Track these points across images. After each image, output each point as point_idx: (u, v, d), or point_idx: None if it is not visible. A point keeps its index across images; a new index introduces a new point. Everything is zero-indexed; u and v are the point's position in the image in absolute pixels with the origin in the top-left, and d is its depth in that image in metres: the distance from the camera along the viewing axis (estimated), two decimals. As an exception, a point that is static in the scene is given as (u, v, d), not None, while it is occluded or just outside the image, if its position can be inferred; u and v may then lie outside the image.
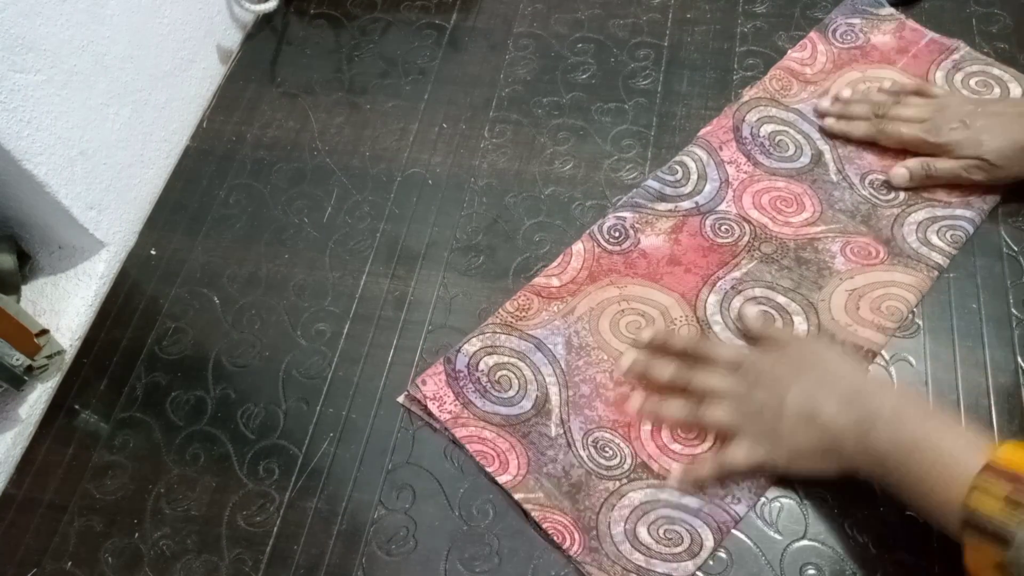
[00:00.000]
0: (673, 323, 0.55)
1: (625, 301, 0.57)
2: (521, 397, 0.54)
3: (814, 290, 0.55)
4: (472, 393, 0.54)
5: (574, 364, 0.54)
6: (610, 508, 0.49)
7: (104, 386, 0.58)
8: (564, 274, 0.58)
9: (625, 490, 0.49)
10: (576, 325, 0.56)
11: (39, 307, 0.62)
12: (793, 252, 0.57)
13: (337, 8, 0.78)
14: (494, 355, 0.55)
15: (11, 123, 0.52)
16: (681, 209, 0.61)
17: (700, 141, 0.64)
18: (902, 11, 0.70)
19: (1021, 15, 0.69)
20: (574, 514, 0.49)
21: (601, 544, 0.48)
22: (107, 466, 0.55)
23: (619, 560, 0.47)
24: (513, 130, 0.67)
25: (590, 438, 0.51)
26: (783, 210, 0.59)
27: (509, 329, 0.56)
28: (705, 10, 0.73)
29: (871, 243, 0.57)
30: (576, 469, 0.50)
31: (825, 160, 0.61)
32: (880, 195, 0.59)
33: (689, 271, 0.58)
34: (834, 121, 0.62)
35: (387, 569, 0.49)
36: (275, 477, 0.53)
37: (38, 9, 0.53)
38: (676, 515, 0.48)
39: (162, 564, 0.51)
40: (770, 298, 0.56)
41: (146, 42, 0.64)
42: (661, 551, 0.47)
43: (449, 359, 0.55)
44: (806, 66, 0.67)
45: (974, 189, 0.57)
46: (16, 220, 0.62)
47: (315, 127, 0.70)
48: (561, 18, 0.74)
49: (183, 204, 0.67)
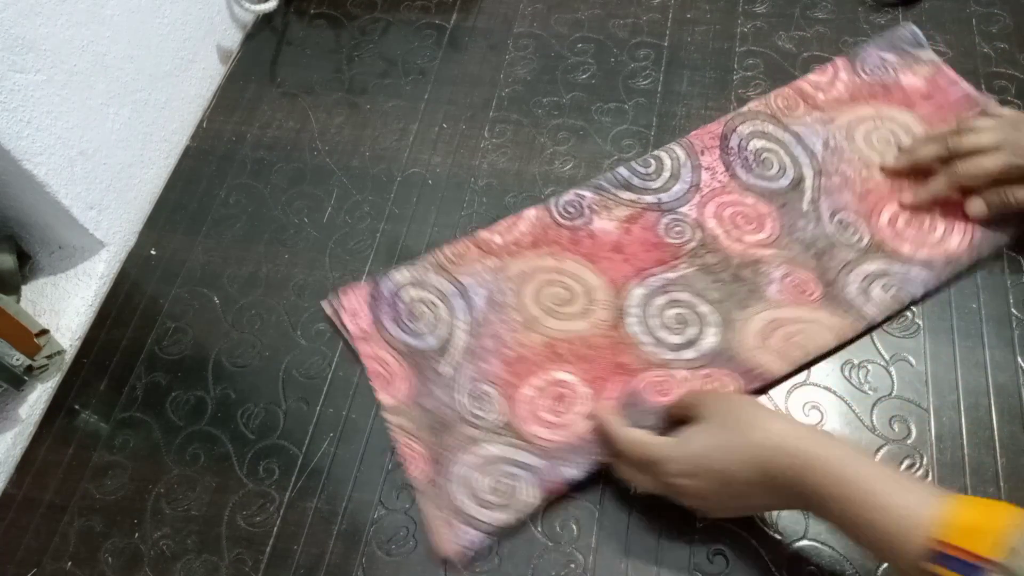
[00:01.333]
0: (592, 305, 0.56)
1: (557, 273, 0.58)
2: (429, 333, 0.56)
3: (737, 308, 0.55)
4: (387, 317, 0.57)
5: (488, 317, 0.57)
6: (464, 452, 0.51)
7: (104, 386, 0.58)
8: (508, 234, 0.60)
9: (484, 441, 0.52)
10: (503, 283, 0.58)
11: (39, 307, 0.62)
12: (734, 268, 0.57)
13: (337, 8, 0.78)
14: (419, 289, 0.58)
15: (11, 123, 0.52)
16: (643, 202, 0.61)
17: (684, 141, 0.63)
18: (902, 11, 0.70)
19: (1021, 15, 0.69)
20: (431, 448, 0.52)
21: (443, 481, 0.50)
22: (107, 466, 0.55)
23: (451, 501, 0.50)
24: (513, 130, 0.67)
25: (474, 387, 0.54)
26: (741, 226, 0.59)
27: (440, 270, 0.59)
28: (705, 10, 0.73)
29: (812, 280, 0.55)
30: (449, 411, 0.53)
31: (803, 187, 0.60)
32: (843, 235, 0.57)
33: (627, 261, 0.58)
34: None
35: (387, 569, 0.49)
36: (275, 477, 0.53)
37: (38, 9, 0.53)
38: (516, 471, 0.50)
39: (162, 564, 0.51)
40: (694, 305, 0.56)
41: (146, 42, 0.64)
42: (489, 500, 0.50)
43: (376, 282, 0.59)
44: (820, 91, 0.65)
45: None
46: (16, 220, 0.62)
47: (315, 127, 0.70)
48: (561, 18, 0.74)
49: (183, 204, 0.67)
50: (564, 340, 0.55)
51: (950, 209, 0.56)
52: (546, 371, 0.54)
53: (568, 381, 0.54)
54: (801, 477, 0.40)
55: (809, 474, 0.40)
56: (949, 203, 0.56)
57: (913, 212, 0.57)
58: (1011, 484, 0.48)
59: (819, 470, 0.40)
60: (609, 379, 0.53)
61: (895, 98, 0.64)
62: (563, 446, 0.51)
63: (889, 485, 0.39)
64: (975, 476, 0.49)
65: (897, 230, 0.57)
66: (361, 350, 0.56)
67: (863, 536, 0.39)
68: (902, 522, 0.37)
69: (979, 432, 0.50)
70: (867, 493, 0.38)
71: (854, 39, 0.69)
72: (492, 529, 0.49)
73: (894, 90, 0.64)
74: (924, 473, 0.49)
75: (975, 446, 0.50)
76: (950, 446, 0.50)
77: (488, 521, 0.49)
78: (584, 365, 0.54)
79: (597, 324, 0.56)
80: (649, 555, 0.48)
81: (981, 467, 0.49)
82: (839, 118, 0.63)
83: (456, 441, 0.52)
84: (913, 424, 0.51)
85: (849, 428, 0.51)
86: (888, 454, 0.50)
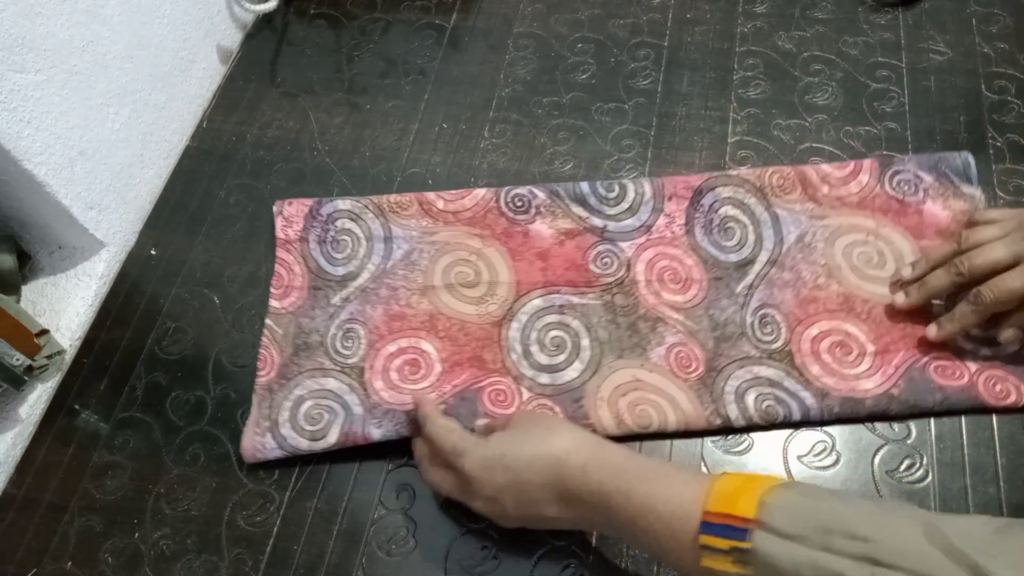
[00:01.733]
0: (489, 296, 0.57)
1: (476, 256, 0.59)
2: (342, 264, 0.60)
3: (613, 356, 0.54)
4: (314, 235, 0.61)
5: (396, 270, 0.59)
6: (309, 377, 0.55)
7: (104, 386, 0.58)
8: (452, 203, 0.62)
9: (330, 374, 0.55)
10: (426, 245, 0.60)
11: (39, 307, 0.62)
12: (635, 317, 0.55)
13: (337, 8, 0.78)
14: (353, 223, 0.61)
15: (11, 123, 0.52)
16: (589, 222, 0.60)
17: (657, 181, 0.60)
18: (902, 11, 0.70)
19: (1021, 15, 0.69)
20: (286, 362, 0.56)
21: (279, 394, 0.54)
22: (107, 466, 0.55)
23: (275, 413, 0.53)
24: (513, 130, 0.67)
25: (349, 325, 0.57)
26: (665, 282, 0.57)
27: (379, 214, 0.61)
28: (705, 10, 0.73)
29: (699, 359, 0.53)
30: (318, 337, 0.57)
31: (749, 270, 0.57)
32: (758, 330, 0.54)
33: (544, 271, 0.58)
34: (938, 330, 0.51)
35: (387, 569, 0.49)
36: (275, 477, 0.53)
37: (38, 9, 0.53)
38: (336, 409, 0.53)
39: (162, 564, 0.51)
40: (578, 336, 0.55)
41: (146, 42, 0.64)
42: (300, 424, 0.53)
43: (320, 201, 0.62)
44: (827, 184, 0.59)
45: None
46: (16, 220, 0.62)
47: (315, 127, 0.70)
48: (561, 18, 0.74)
49: (183, 204, 0.67)
50: (447, 317, 0.57)
51: (890, 354, 0.52)
52: (415, 336, 0.56)
53: (428, 353, 0.55)
54: (585, 480, 0.41)
55: (593, 472, 0.41)
56: (892, 346, 0.52)
57: (912, 347, 0.52)
58: (1011, 484, 0.48)
59: (599, 469, 0.41)
60: (464, 368, 0.55)
61: (906, 222, 0.57)
62: (385, 408, 0.53)
63: (660, 472, 0.40)
64: (975, 476, 0.49)
65: (817, 349, 0.53)
66: (279, 254, 0.61)
67: (638, 529, 0.39)
68: (672, 502, 0.38)
69: (979, 432, 0.50)
70: (638, 482, 0.40)
71: (854, 39, 0.69)
72: (289, 450, 0.52)
73: (910, 213, 0.58)
74: (924, 473, 0.49)
75: (975, 446, 0.50)
76: (950, 446, 0.50)
77: (290, 442, 0.52)
78: (450, 346, 0.56)
79: (483, 315, 0.57)
80: (649, 555, 0.48)
81: (981, 467, 0.49)
82: (832, 218, 0.58)
83: (309, 365, 0.55)
84: (913, 424, 0.51)
85: (849, 428, 0.51)
86: (888, 454, 0.50)
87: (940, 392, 0.50)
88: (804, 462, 0.50)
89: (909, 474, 0.49)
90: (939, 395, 0.50)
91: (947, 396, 0.50)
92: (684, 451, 0.51)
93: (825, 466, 0.50)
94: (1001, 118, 0.63)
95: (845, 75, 0.67)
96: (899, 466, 0.50)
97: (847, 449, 0.50)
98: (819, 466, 0.50)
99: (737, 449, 0.51)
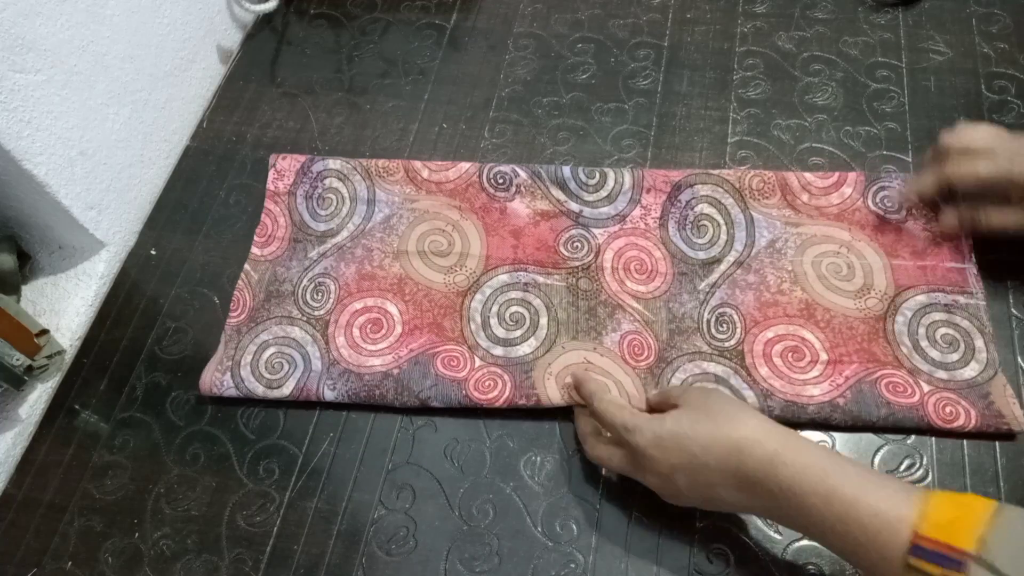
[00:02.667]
0: (458, 267, 0.59)
1: (452, 227, 0.61)
2: (324, 220, 0.62)
3: (568, 336, 0.55)
4: (301, 190, 0.64)
5: (374, 232, 0.61)
6: (276, 324, 0.57)
7: (104, 386, 0.58)
8: (436, 174, 0.63)
9: (297, 322, 0.57)
10: (406, 211, 0.62)
11: (39, 307, 0.62)
12: (596, 302, 0.56)
13: (337, 8, 0.78)
14: (340, 183, 0.63)
15: (11, 123, 0.52)
16: (566, 206, 0.61)
17: (638, 172, 0.61)
18: (902, 11, 0.70)
19: (1021, 15, 0.69)
20: (258, 306, 0.58)
21: (246, 336, 0.57)
22: (107, 466, 0.55)
23: (238, 354, 0.56)
24: (513, 130, 0.67)
25: (321, 279, 0.59)
26: (630, 271, 0.58)
27: (366, 176, 0.63)
28: (705, 10, 0.73)
29: (651, 349, 0.54)
30: (290, 287, 0.59)
31: (715, 268, 0.57)
32: (714, 328, 0.55)
33: (516, 248, 0.59)
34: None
35: (387, 569, 0.49)
36: (275, 477, 0.53)
37: (38, 9, 0.53)
38: (296, 360, 0.56)
39: (162, 564, 0.50)
40: (538, 314, 0.56)
41: (146, 42, 0.64)
42: (260, 370, 0.55)
43: (312, 158, 0.64)
44: (807, 192, 0.59)
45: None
46: (16, 220, 0.62)
47: (315, 127, 0.70)
48: (561, 18, 0.74)
49: (183, 204, 0.67)
50: (415, 282, 0.59)
51: (843, 365, 0.52)
52: (382, 297, 0.58)
53: (391, 314, 0.57)
54: (774, 472, 0.40)
55: (782, 469, 0.40)
56: (846, 357, 0.52)
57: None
58: (1011, 484, 0.48)
59: (792, 465, 0.40)
60: (423, 332, 0.56)
61: (882, 239, 0.57)
62: (343, 368, 0.55)
63: (865, 480, 0.39)
64: (975, 476, 0.49)
65: (769, 352, 0.53)
66: (267, 204, 0.63)
67: (834, 534, 0.39)
68: (879, 517, 0.37)
69: (979, 432, 0.50)
70: (841, 487, 0.38)
71: (854, 39, 0.69)
72: (244, 391, 0.55)
73: (888, 231, 0.57)
74: (924, 473, 0.49)
75: (975, 446, 0.50)
76: (950, 446, 0.50)
77: (246, 384, 0.55)
78: (413, 310, 0.57)
79: (449, 284, 0.58)
80: (649, 555, 0.48)
81: (981, 467, 0.49)
82: (807, 227, 0.58)
83: (278, 312, 0.58)
84: (913, 424, 0.51)
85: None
86: (888, 454, 0.50)
87: (887, 407, 0.50)
88: (804, 462, 0.50)
89: (909, 474, 0.49)
90: (885, 410, 0.50)
91: (893, 412, 0.50)
92: (684, 451, 0.51)
93: (825, 466, 0.50)
94: (1001, 118, 0.63)
95: (845, 75, 0.67)
96: (899, 466, 0.50)
97: (847, 449, 0.50)
98: (819, 466, 0.50)
99: (737, 449, 0.51)
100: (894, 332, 0.53)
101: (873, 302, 0.54)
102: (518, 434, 0.53)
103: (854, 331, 0.53)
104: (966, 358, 0.52)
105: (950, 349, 0.52)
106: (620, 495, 0.50)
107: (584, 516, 0.50)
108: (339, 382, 0.54)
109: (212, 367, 0.56)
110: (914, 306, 0.54)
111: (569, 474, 0.51)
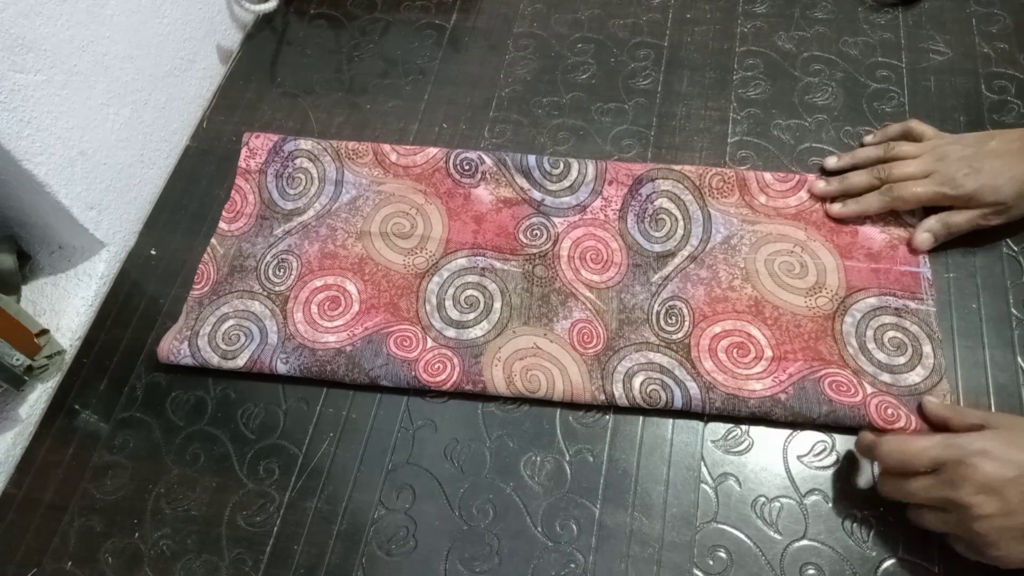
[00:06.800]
0: (419, 250, 0.60)
1: (416, 211, 0.62)
2: (292, 199, 0.64)
3: (520, 322, 0.56)
4: (272, 169, 0.65)
5: (339, 212, 0.63)
6: (237, 298, 0.59)
7: (104, 386, 0.58)
8: (404, 158, 0.64)
9: (258, 296, 0.59)
10: (372, 193, 0.63)
11: (39, 307, 0.62)
12: (550, 290, 0.57)
13: (337, 8, 0.78)
14: (310, 163, 0.65)
15: (11, 123, 0.52)
16: (529, 195, 0.62)
17: (601, 164, 0.61)
18: (902, 11, 0.70)
19: (1021, 15, 0.69)
20: (221, 279, 0.60)
21: (208, 308, 0.58)
22: (107, 466, 0.55)
23: (198, 324, 0.58)
24: (513, 130, 0.67)
25: (284, 255, 0.61)
26: (586, 260, 0.58)
27: (336, 158, 0.65)
28: (705, 10, 0.73)
29: (600, 337, 0.55)
30: (254, 263, 0.61)
31: (669, 262, 0.58)
32: (663, 320, 0.55)
33: (475, 233, 0.61)
34: (841, 206, 0.57)
35: (387, 569, 0.49)
36: (275, 477, 0.53)
37: (38, 9, 0.53)
38: (254, 332, 0.57)
39: (162, 564, 0.51)
40: (492, 299, 0.57)
41: (146, 42, 0.64)
42: (217, 342, 0.57)
43: (284, 138, 0.66)
44: (765, 193, 0.60)
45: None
46: (16, 220, 0.62)
47: (315, 127, 0.70)
48: (561, 18, 0.74)
49: (183, 204, 0.67)
50: (375, 263, 0.60)
51: (787, 362, 0.52)
52: (342, 276, 0.59)
53: (350, 293, 0.58)
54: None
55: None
56: (791, 355, 0.53)
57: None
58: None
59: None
60: (379, 312, 0.57)
61: (838, 240, 0.57)
62: (297, 343, 0.56)
63: None
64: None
65: (715, 346, 0.54)
66: (237, 181, 0.65)
67: None
68: None
69: (979, 432, 0.50)
70: None
71: (854, 39, 0.69)
72: (200, 361, 0.56)
73: (845, 232, 0.58)
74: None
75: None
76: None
77: (202, 354, 0.56)
78: (371, 289, 0.59)
79: (408, 266, 0.59)
80: (649, 555, 0.48)
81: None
82: (763, 225, 0.59)
83: (240, 286, 0.60)
84: (913, 424, 0.51)
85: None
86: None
87: (828, 405, 0.50)
88: (804, 462, 0.50)
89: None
90: (826, 407, 0.50)
91: (834, 410, 0.50)
92: (684, 451, 0.51)
93: (825, 466, 0.50)
94: (1001, 118, 0.63)
95: (845, 75, 0.67)
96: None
97: (847, 449, 0.51)
98: (819, 466, 0.50)
99: (737, 449, 0.51)
100: (842, 332, 0.54)
101: (823, 301, 0.55)
102: (518, 434, 0.53)
103: (801, 329, 0.54)
104: (912, 362, 0.52)
105: (897, 352, 0.53)
106: (619, 495, 0.50)
107: (584, 516, 0.50)
108: (292, 356, 0.55)
109: (171, 335, 0.57)
110: (864, 308, 0.54)
111: (569, 474, 0.51)
